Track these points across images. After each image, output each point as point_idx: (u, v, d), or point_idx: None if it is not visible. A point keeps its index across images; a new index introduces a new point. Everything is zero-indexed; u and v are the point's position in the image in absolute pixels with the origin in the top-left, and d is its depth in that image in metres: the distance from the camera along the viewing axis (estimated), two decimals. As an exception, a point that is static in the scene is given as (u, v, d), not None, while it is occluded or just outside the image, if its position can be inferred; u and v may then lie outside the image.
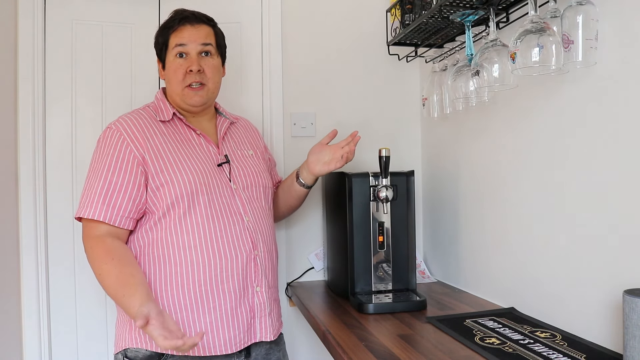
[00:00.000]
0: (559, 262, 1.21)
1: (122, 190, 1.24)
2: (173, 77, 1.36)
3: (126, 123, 1.31)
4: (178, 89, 1.36)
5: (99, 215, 1.23)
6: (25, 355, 1.67)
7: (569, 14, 1.03)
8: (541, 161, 1.27)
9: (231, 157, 1.40)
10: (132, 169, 1.26)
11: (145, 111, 1.37)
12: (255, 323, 1.33)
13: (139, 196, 1.26)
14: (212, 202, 1.30)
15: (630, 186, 1.01)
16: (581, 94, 1.13)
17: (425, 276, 1.84)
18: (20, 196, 1.69)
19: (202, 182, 1.29)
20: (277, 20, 1.87)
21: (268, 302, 1.36)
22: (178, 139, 1.34)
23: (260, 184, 1.42)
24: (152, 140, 1.30)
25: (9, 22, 1.67)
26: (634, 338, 0.87)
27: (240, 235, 1.32)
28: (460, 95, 1.40)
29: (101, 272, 1.20)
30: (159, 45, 1.41)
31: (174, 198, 1.26)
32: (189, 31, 1.36)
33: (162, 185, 1.27)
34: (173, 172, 1.28)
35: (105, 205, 1.23)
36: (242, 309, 1.30)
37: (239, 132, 1.51)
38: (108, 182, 1.24)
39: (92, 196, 1.24)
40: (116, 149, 1.27)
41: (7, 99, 1.65)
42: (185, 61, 1.35)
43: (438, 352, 1.09)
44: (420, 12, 1.50)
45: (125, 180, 1.25)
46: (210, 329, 1.26)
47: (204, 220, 1.28)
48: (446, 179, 1.77)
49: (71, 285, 1.74)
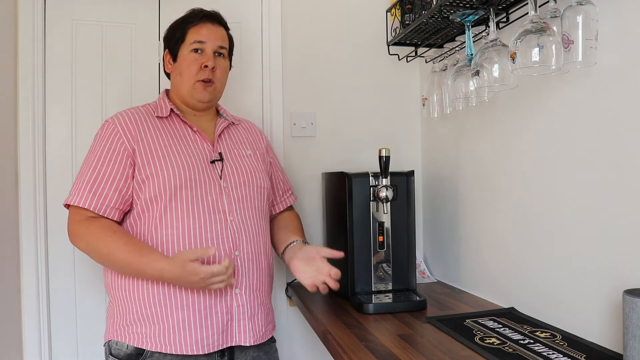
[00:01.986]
0: (559, 262, 1.21)
1: (109, 180, 1.27)
2: (186, 69, 1.38)
3: (122, 117, 1.34)
4: (190, 81, 1.38)
5: (84, 203, 1.26)
6: (25, 355, 1.67)
7: (569, 14, 1.03)
8: (541, 161, 1.27)
9: (226, 156, 1.39)
10: (120, 159, 1.29)
11: (144, 108, 1.40)
12: (232, 325, 1.30)
13: (125, 187, 1.28)
14: (195, 199, 1.30)
15: (630, 186, 1.01)
16: (581, 94, 1.13)
17: (425, 276, 1.84)
18: (21, 196, 1.68)
19: (187, 177, 1.29)
20: (277, 20, 1.87)
21: (249, 306, 1.33)
22: (172, 135, 1.36)
23: (254, 184, 1.41)
24: (144, 133, 1.32)
25: (9, 22, 1.67)
26: (634, 338, 0.88)
27: (219, 234, 1.30)
28: (460, 95, 1.40)
29: (106, 245, 1.23)
30: (174, 38, 1.42)
31: (156, 191, 1.27)
32: (209, 29, 1.40)
33: (147, 177, 1.28)
34: (159, 166, 1.29)
35: (91, 194, 1.26)
36: (217, 309, 1.28)
37: (240, 132, 1.51)
38: (97, 171, 1.28)
39: (80, 184, 1.28)
40: (108, 141, 1.30)
41: (7, 99, 1.65)
42: (200, 56, 1.38)
43: (438, 352, 1.09)
44: (420, 12, 1.50)
45: (114, 170, 1.28)
46: (183, 326, 1.25)
47: (183, 215, 1.28)
48: (446, 179, 1.77)
49: (71, 285, 1.73)
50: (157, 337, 1.25)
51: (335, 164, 1.90)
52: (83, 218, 1.27)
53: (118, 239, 1.23)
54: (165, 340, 1.25)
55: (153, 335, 1.25)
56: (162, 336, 1.25)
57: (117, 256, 1.22)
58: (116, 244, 1.22)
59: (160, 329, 1.25)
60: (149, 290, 1.26)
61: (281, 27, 1.87)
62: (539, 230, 1.28)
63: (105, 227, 1.25)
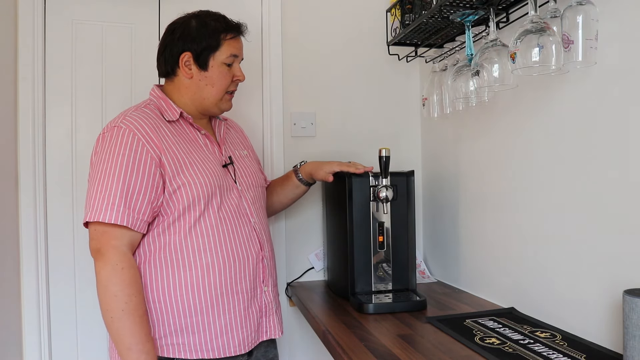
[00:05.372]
0: (559, 262, 1.21)
1: (141, 192, 1.18)
2: (219, 81, 1.35)
3: (137, 122, 1.24)
4: (220, 94, 1.36)
5: (122, 220, 1.15)
6: (25, 355, 1.67)
7: (569, 14, 1.03)
8: (541, 161, 1.27)
9: (233, 158, 1.40)
10: (149, 170, 1.20)
11: (151, 111, 1.30)
12: (263, 322, 1.35)
13: (156, 199, 1.21)
14: (223, 205, 1.29)
15: (630, 186, 1.01)
16: (581, 94, 1.13)
17: (425, 276, 1.84)
18: (21, 196, 1.68)
19: (216, 183, 1.28)
20: (277, 21, 1.87)
21: (274, 301, 1.39)
22: (187, 140, 1.31)
23: (258, 184, 1.44)
24: (165, 141, 1.25)
25: (9, 22, 1.67)
26: (633, 338, 0.88)
27: (249, 237, 1.33)
28: (460, 95, 1.40)
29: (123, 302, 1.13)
30: (203, 44, 1.32)
31: (191, 200, 1.23)
32: (240, 44, 1.39)
33: (180, 187, 1.23)
34: (189, 174, 1.24)
35: (127, 208, 1.16)
36: (253, 309, 1.32)
37: (231, 132, 1.51)
38: (127, 184, 1.17)
39: (111, 198, 1.15)
40: (132, 150, 1.20)
41: (7, 100, 1.65)
42: (231, 70, 1.37)
43: (438, 352, 1.09)
44: (420, 12, 1.50)
45: (145, 182, 1.19)
46: (225, 331, 1.26)
47: (217, 222, 1.27)
48: (446, 179, 1.77)
49: (71, 285, 1.74)
50: (198, 345, 1.23)
51: (335, 164, 1.90)
52: (115, 245, 1.15)
53: (138, 305, 1.15)
54: (207, 346, 1.24)
55: (194, 343, 1.23)
56: (204, 343, 1.23)
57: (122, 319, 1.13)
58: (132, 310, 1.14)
59: (202, 337, 1.23)
60: (192, 301, 1.23)
61: (281, 27, 1.87)
62: (539, 230, 1.28)
63: (135, 284, 1.16)
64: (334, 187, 1.66)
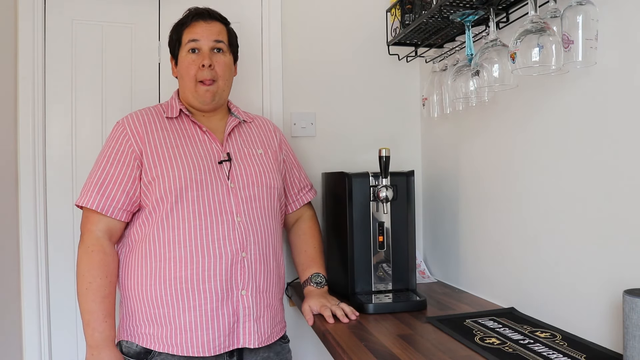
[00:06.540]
0: (558, 262, 1.21)
1: (116, 182, 1.29)
2: (185, 73, 1.38)
3: (131, 118, 1.36)
4: (190, 84, 1.37)
5: (93, 204, 1.28)
6: (25, 355, 1.67)
7: (569, 14, 1.03)
8: (541, 161, 1.27)
9: (235, 156, 1.38)
10: (128, 161, 1.30)
11: (155, 108, 1.41)
12: (238, 327, 1.30)
13: (132, 189, 1.30)
14: (201, 200, 1.29)
15: (630, 186, 1.01)
16: (581, 94, 1.13)
17: (425, 276, 1.84)
18: (21, 196, 1.68)
19: (192, 178, 1.29)
20: (277, 20, 1.87)
21: (255, 307, 1.32)
22: (180, 135, 1.35)
23: (264, 184, 1.39)
24: (152, 135, 1.33)
25: (9, 22, 1.67)
26: (634, 338, 0.88)
27: (227, 235, 1.30)
28: (460, 95, 1.40)
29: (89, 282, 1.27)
30: (172, 42, 1.43)
31: (162, 193, 1.28)
32: (202, 27, 1.38)
33: (153, 179, 1.29)
34: (164, 167, 1.29)
35: (99, 195, 1.28)
36: (223, 310, 1.28)
37: (252, 131, 1.49)
38: (105, 173, 1.30)
39: (89, 185, 1.30)
40: (117, 142, 1.32)
41: (7, 99, 1.65)
42: (197, 57, 1.37)
43: (438, 352, 1.09)
44: (420, 12, 1.50)
45: (122, 172, 1.30)
46: (190, 327, 1.26)
47: (190, 217, 1.28)
48: (446, 179, 1.77)
49: (71, 284, 1.73)
50: (165, 338, 1.26)
51: (335, 164, 1.90)
52: (91, 230, 1.30)
53: (101, 287, 1.26)
54: (172, 341, 1.25)
55: (161, 336, 1.26)
56: (170, 337, 1.26)
57: (85, 296, 1.27)
58: (94, 291, 1.26)
59: (168, 331, 1.26)
60: (159, 292, 1.26)
61: (281, 27, 1.87)
62: (539, 230, 1.28)
63: (102, 267, 1.28)
64: (334, 187, 1.66)
